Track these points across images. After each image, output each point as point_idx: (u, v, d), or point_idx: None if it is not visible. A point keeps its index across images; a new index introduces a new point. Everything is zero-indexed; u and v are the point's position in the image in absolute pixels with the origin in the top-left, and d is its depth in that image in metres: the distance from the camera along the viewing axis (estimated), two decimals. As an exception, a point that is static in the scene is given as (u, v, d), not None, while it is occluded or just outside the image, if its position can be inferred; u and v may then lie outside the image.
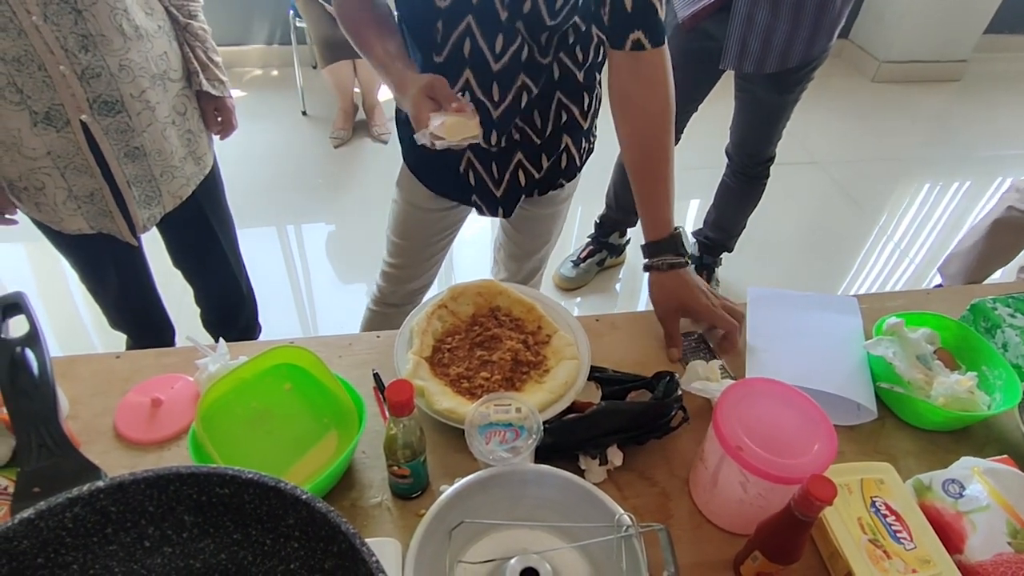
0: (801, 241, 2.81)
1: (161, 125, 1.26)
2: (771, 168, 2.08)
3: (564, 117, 1.14)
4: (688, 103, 1.96)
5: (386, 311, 1.50)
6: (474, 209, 1.27)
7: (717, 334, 1.06)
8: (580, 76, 1.08)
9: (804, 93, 1.82)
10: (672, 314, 1.04)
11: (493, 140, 1.11)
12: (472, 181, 1.19)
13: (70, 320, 2.20)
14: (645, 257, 1.06)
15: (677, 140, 2.09)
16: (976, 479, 0.81)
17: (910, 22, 3.72)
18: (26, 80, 1.07)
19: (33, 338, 0.68)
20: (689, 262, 1.04)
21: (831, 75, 1.77)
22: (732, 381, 0.96)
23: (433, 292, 1.18)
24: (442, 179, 1.23)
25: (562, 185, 1.27)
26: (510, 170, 1.17)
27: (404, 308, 1.46)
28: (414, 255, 1.41)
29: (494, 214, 1.25)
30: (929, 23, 3.74)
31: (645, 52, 0.95)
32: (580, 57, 1.05)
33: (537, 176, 1.20)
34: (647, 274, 1.07)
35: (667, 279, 1.03)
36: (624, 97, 1.01)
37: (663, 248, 1.03)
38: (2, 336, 0.67)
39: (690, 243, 2.44)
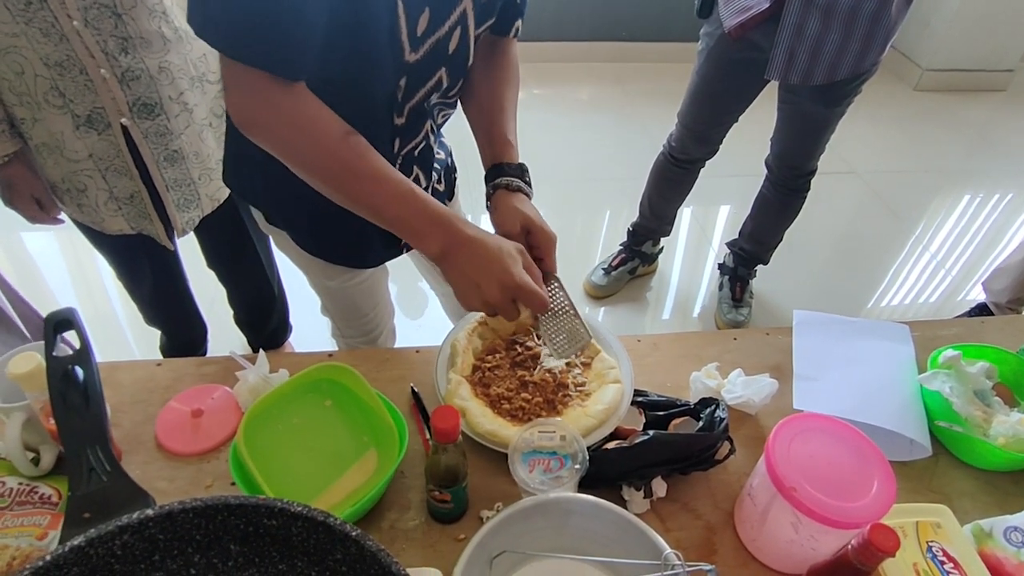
0: (837, 251, 2.75)
1: (199, 127, 1.25)
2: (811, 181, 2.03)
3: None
4: (729, 114, 1.91)
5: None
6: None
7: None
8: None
9: (851, 106, 1.77)
10: (517, 236, 0.91)
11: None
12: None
13: (106, 312, 2.22)
14: (493, 179, 0.96)
15: (716, 151, 2.05)
16: (1040, 528, 0.77)
17: (956, 30, 3.61)
18: (68, 84, 1.08)
19: (84, 356, 0.68)
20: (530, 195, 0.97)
21: (872, 82, 1.71)
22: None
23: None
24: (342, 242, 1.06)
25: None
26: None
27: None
28: (354, 322, 1.31)
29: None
30: (976, 31, 3.62)
31: (513, 39, 1.02)
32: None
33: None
34: (491, 197, 0.95)
35: (515, 199, 0.94)
36: (481, 68, 1.00)
37: (513, 171, 0.96)
38: (54, 354, 0.67)
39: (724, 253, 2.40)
